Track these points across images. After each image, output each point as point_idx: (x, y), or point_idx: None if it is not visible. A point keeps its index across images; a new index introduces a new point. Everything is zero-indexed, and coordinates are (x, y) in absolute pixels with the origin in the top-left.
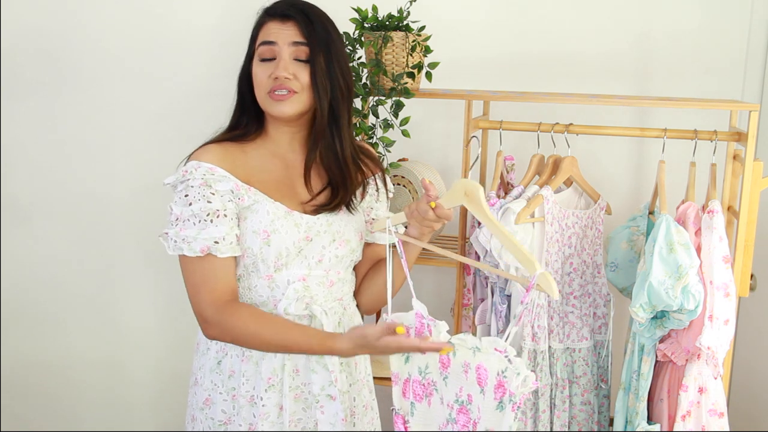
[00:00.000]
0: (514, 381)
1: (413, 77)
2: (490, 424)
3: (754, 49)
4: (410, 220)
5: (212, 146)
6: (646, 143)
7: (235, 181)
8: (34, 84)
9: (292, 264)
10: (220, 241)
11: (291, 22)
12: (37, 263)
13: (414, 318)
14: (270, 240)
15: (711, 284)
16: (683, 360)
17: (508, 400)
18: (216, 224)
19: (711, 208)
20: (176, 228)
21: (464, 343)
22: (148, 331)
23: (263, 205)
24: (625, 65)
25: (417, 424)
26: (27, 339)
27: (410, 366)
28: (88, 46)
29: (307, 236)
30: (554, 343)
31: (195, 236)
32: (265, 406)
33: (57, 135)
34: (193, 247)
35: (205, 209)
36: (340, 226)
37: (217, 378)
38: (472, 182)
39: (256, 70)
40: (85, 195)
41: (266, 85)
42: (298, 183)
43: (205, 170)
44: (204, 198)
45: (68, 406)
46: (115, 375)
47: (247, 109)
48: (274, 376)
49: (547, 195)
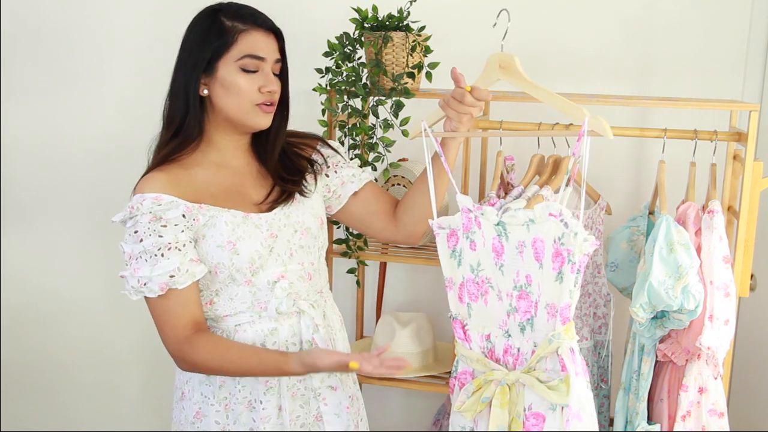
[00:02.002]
0: (573, 241)
1: (413, 77)
2: (550, 298)
3: (754, 49)
4: (447, 110)
5: (154, 174)
6: (645, 143)
7: (185, 204)
8: (34, 84)
9: (266, 264)
10: (175, 273)
11: (273, 37)
12: (37, 263)
13: (460, 218)
14: (237, 249)
15: (711, 284)
16: (683, 360)
17: (567, 267)
18: (168, 257)
19: (711, 208)
20: (131, 269)
21: (515, 219)
22: (148, 332)
23: (219, 218)
24: (625, 65)
25: (475, 326)
26: (27, 339)
27: (463, 268)
28: (88, 46)
29: (271, 233)
30: None
31: (150, 275)
32: (265, 409)
33: (57, 135)
34: (151, 287)
35: (156, 244)
36: (297, 216)
37: (207, 390)
38: (504, 54)
39: (239, 81)
40: (85, 195)
41: (254, 97)
42: (247, 186)
43: (151, 202)
44: (155, 233)
45: (68, 406)
46: (116, 375)
47: (193, 114)
48: (271, 379)
49: (547, 195)
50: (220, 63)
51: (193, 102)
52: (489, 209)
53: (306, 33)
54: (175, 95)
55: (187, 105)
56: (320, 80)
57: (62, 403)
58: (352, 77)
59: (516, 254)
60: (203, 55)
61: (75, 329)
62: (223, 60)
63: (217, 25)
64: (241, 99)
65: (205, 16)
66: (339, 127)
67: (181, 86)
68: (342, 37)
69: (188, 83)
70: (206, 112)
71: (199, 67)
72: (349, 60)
